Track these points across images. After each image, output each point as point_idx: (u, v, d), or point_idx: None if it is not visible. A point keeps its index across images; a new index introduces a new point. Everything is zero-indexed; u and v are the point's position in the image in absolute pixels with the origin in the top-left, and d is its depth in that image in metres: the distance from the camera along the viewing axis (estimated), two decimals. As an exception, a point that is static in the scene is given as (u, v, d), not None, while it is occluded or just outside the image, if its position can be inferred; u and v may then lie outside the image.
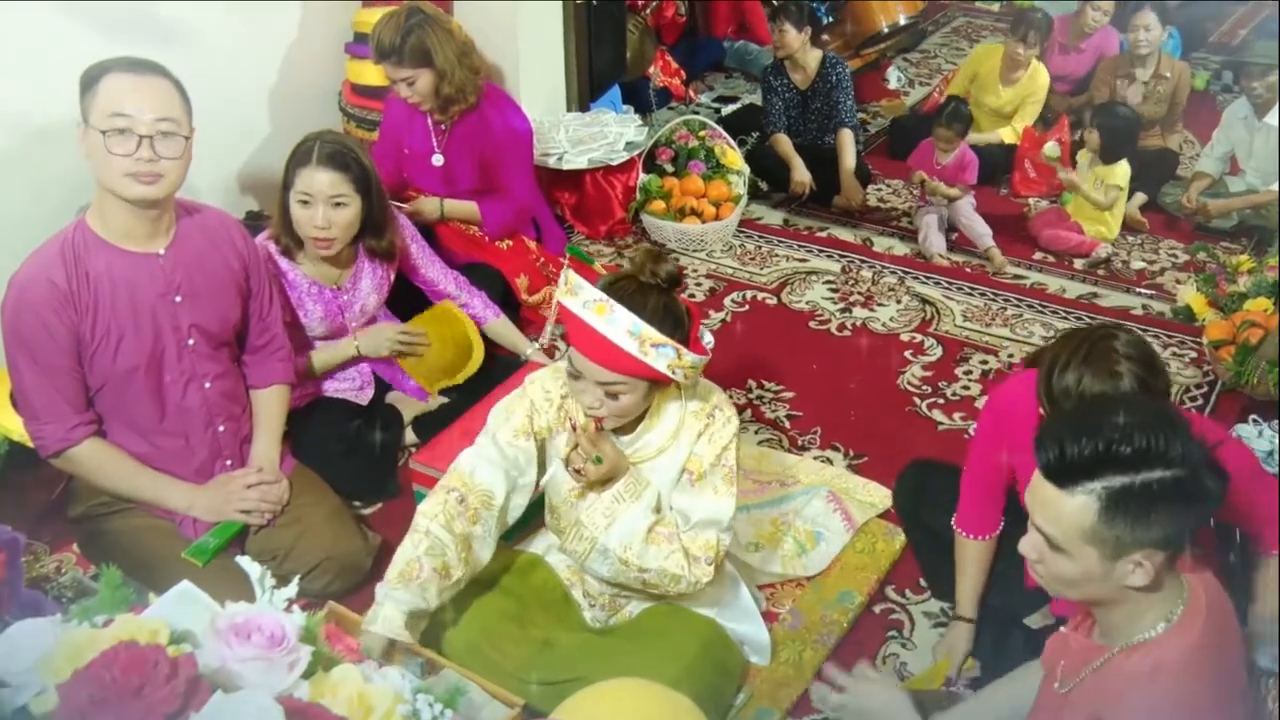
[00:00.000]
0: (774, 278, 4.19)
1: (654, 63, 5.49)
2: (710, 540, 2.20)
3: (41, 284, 2.27)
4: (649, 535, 2.17)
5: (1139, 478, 1.46)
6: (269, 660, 1.39)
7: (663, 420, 2.22)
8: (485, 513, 2.20)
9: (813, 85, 4.74)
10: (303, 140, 2.82)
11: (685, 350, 2.03)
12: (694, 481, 2.22)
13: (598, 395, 2.08)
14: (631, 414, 2.16)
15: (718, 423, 2.21)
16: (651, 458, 2.23)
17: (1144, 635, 1.57)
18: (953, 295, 4.08)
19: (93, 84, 2.22)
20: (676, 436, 2.22)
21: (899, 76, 6.08)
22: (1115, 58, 5.15)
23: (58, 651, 1.35)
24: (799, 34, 4.64)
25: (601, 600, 2.39)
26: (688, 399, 2.23)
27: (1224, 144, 4.57)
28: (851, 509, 2.89)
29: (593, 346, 2.01)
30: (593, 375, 2.05)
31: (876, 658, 2.54)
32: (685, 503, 2.23)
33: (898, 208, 4.79)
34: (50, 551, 2.77)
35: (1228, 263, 3.97)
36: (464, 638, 2.24)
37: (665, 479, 2.24)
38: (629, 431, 2.22)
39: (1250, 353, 3.37)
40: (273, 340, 2.64)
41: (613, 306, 2.00)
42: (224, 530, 2.49)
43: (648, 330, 1.99)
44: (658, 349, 2.00)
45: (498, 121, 3.65)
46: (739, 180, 4.50)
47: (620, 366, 2.02)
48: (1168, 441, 1.46)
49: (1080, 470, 1.49)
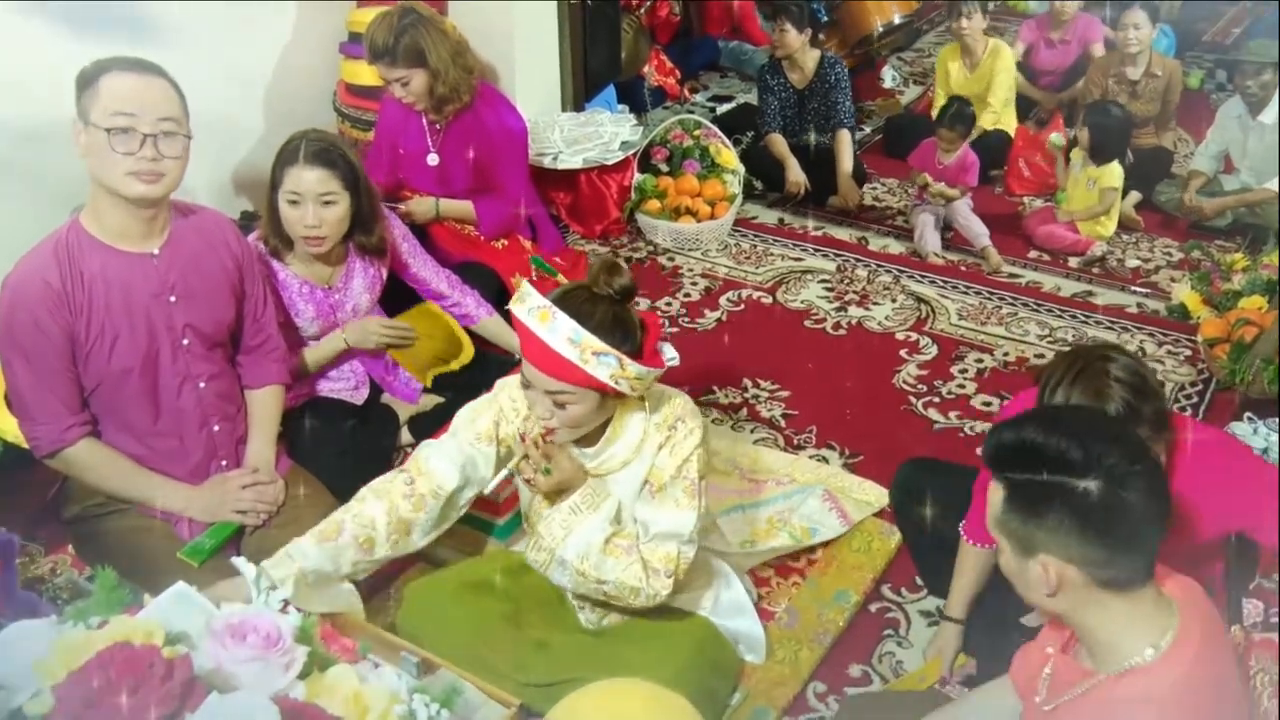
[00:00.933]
0: (769, 277, 4.20)
1: (649, 62, 5.49)
2: (670, 553, 2.17)
3: (35, 284, 2.26)
4: (606, 547, 2.15)
5: (1042, 477, 1.49)
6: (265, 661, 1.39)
7: (626, 433, 2.20)
8: (431, 501, 2.17)
9: (810, 85, 4.74)
10: (289, 139, 2.81)
11: (629, 361, 2.01)
12: (654, 493, 2.19)
13: (547, 405, 2.06)
14: (584, 425, 2.12)
15: (679, 434, 2.18)
16: (616, 470, 2.21)
17: (1132, 661, 1.54)
18: (948, 294, 4.08)
19: (91, 82, 2.21)
20: (640, 450, 2.20)
21: (894, 75, 6.10)
22: (1106, 56, 5.16)
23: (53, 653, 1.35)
24: (799, 35, 4.63)
25: (593, 600, 2.40)
26: (651, 411, 2.20)
27: (1218, 142, 4.58)
28: (847, 507, 2.89)
29: (537, 354, 2.00)
30: (539, 384, 2.03)
31: (872, 657, 2.55)
32: (646, 514, 2.20)
33: (893, 206, 4.80)
34: (45, 553, 2.77)
35: (1222, 261, 3.99)
36: (459, 638, 2.24)
37: (629, 491, 2.22)
38: (591, 444, 2.20)
39: (1245, 350, 3.37)
40: (267, 341, 2.63)
41: (555, 314, 1.98)
42: (219, 531, 2.48)
43: (589, 339, 1.98)
44: (599, 358, 1.98)
45: (492, 121, 3.65)
46: (734, 179, 4.50)
47: (562, 374, 2.00)
48: (1088, 452, 1.46)
49: (1002, 458, 1.54)
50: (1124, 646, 1.55)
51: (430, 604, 2.33)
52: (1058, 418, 1.57)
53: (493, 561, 2.49)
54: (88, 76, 2.22)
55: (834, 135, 4.71)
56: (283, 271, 2.89)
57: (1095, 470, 1.46)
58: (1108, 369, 1.91)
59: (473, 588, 2.34)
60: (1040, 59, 5.63)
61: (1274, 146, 4.34)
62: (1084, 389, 1.89)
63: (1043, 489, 1.49)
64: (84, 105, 2.21)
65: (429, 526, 2.20)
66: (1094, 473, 1.46)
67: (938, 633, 2.49)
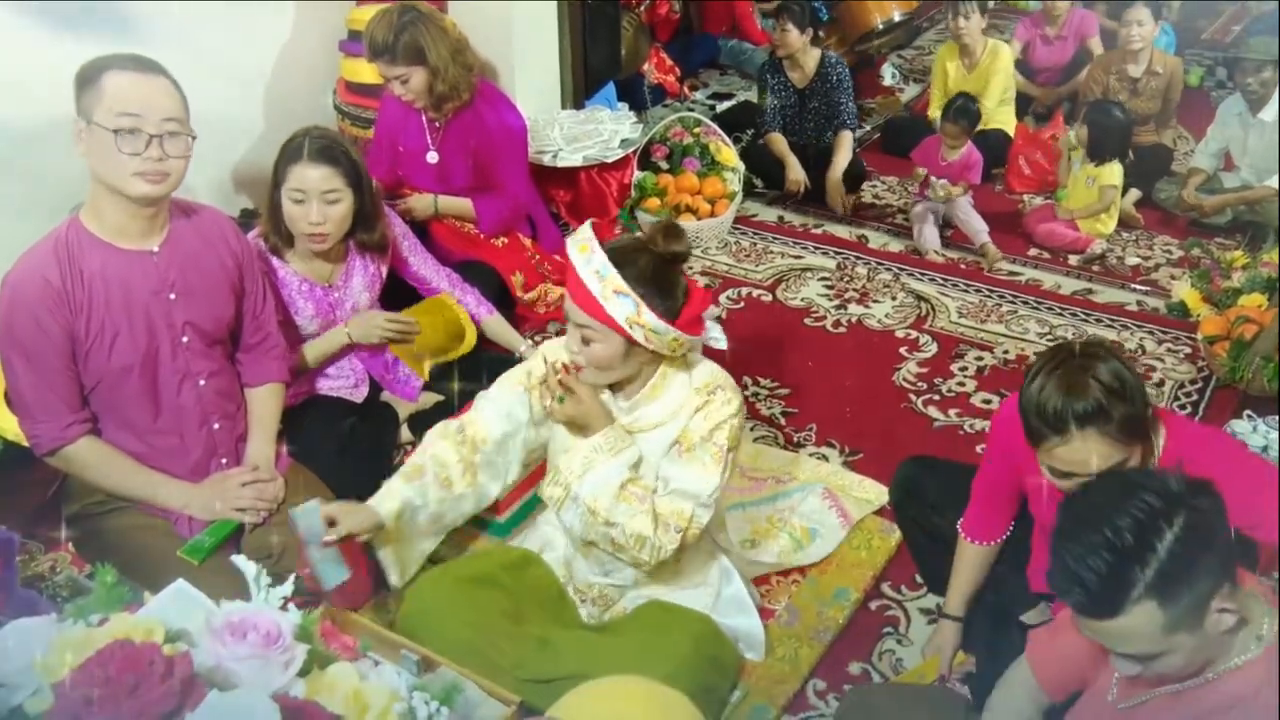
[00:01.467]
0: (769, 275, 4.20)
1: (649, 60, 5.49)
2: (684, 510, 2.19)
3: (35, 283, 2.26)
4: (621, 491, 2.19)
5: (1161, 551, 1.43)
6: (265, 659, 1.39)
7: (665, 395, 2.24)
8: (484, 445, 2.34)
9: (811, 85, 4.73)
10: (291, 137, 2.81)
11: (646, 310, 2.06)
12: (682, 453, 2.23)
13: (577, 339, 2.15)
14: (610, 370, 2.18)
15: (716, 401, 2.22)
16: (648, 430, 2.25)
17: (1235, 660, 1.52)
18: (948, 292, 4.08)
19: (93, 81, 2.20)
20: (676, 415, 2.24)
21: (894, 73, 6.09)
22: (1108, 53, 5.16)
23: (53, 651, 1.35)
24: (801, 35, 4.63)
25: (593, 594, 2.40)
26: (695, 379, 2.25)
27: (1218, 140, 4.58)
28: (847, 505, 2.89)
29: (572, 284, 2.11)
30: (570, 315, 2.13)
31: (872, 654, 2.55)
32: (669, 471, 2.24)
33: (893, 204, 4.80)
34: (45, 550, 2.77)
35: (1222, 258, 3.99)
36: (459, 634, 2.24)
37: (658, 453, 2.25)
38: (628, 397, 2.25)
39: (1244, 348, 3.37)
40: (267, 338, 2.63)
41: (594, 249, 2.09)
42: (220, 529, 2.48)
43: (614, 277, 2.05)
44: (619, 296, 2.06)
45: (492, 118, 3.65)
46: (734, 177, 4.50)
47: (585, 306, 2.08)
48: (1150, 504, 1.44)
49: (1114, 595, 1.45)
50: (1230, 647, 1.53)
51: (431, 599, 2.33)
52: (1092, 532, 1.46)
53: (493, 557, 2.50)
54: (88, 75, 2.21)
55: (835, 135, 4.71)
56: (283, 269, 2.89)
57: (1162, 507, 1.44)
58: (1089, 365, 1.89)
59: (473, 583, 2.34)
60: (1037, 56, 5.64)
61: (1274, 144, 4.34)
62: (1059, 382, 1.88)
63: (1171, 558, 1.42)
64: (85, 104, 2.20)
65: (493, 470, 2.38)
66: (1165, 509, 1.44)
67: (936, 630, 2.49)
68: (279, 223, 2.83)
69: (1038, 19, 5.69)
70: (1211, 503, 1.48)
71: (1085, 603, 1.47)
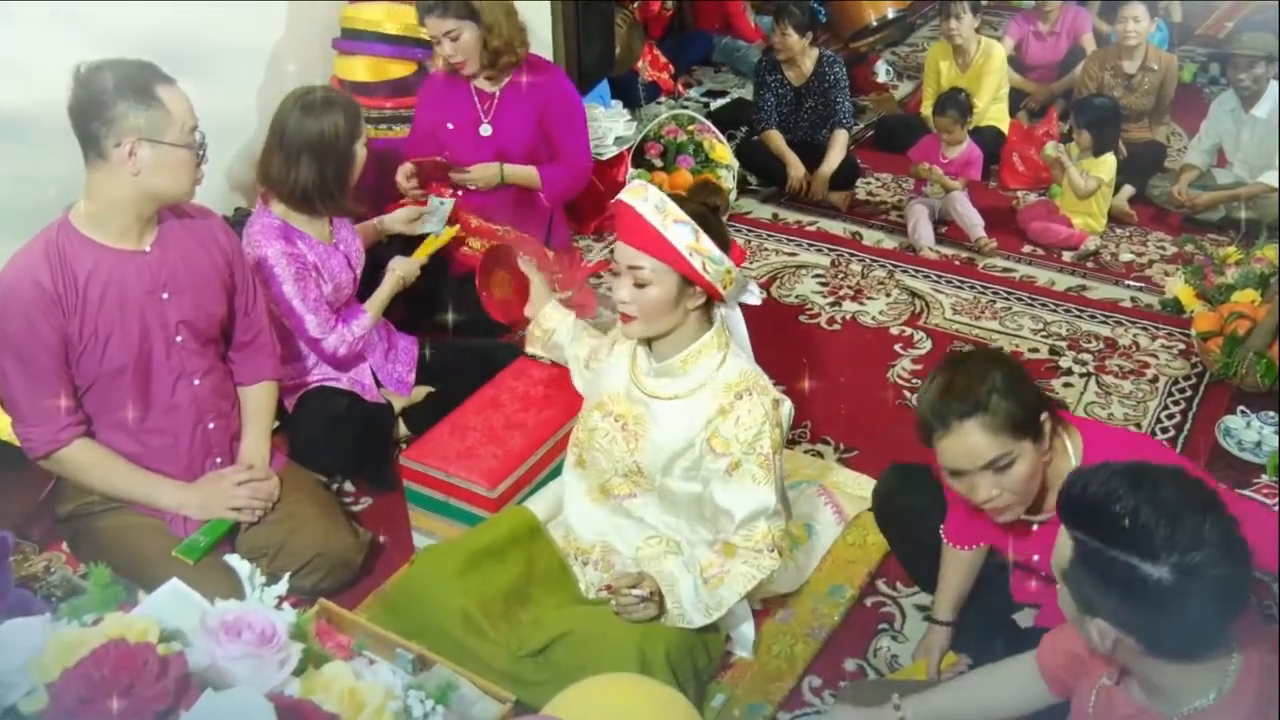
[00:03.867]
0: (763, 272, 4.20)
1: (642, 57, 5.48)
2: (763, 530, 2.24)
3: (27, 285, 2.24)
4: (705, 587, 2.23)
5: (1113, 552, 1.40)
6: (259, 658, 1.39)
7: (695, 369, 2.26)
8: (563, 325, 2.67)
9: (808, 83, 4.73)
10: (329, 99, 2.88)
11: (705, 236, 2.12)
12: (731, 471, 2.23)
13: (629, 286, 2.17)
14: (658, 315, 2.20)
15: (743, 406, 2.22)
16: (664, 399, 2.28)
17: (1195, 705, 1.49)
18: (942, 288, 4.09)
19: (151, 99, 2.19)
20: (695, 395, 2.25)
21: (887, 70, 6.09)
22: (1103, 50, 5.17)
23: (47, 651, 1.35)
24: (800, 39, 4.63)
25: (594, 555, 2.42)
26: (725, 367, 2.27)
27: (1211, 136, 4.59)
28: (842, 502, 2.89)
29: (625, 225, 2.16)
30: (624, 259, 2.17)
31: (868, 651, 2.55)
32: (727, 500, 2.24)
33: (887, 201, 4.80)
34: (39, 550, 2.77)
35: (1215, 254, 3.99)
36: (459, 603, 2.26)
37: (666, 427, 2.28)
38: (662, 357, 2.28)
39: (1238, 344, 3.38)
40: (258, 336, 2.63)
41: (649, 189, 2.16)
42: (214, 528, 2.48)
43: (673, 207, 2.13)
44: (678, 225, 2.11)
45: (551, 84, 3.60)
46: (728, 175, 4.50)
47: (644, 242, 2.13)
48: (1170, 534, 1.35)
49: (1077, 512, 1.47)
50: (1184, 694, 1.50)
51: (434, 572, 2.34)
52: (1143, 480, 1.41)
53: (497, 527, 2.48)
54: (140, 93, 2.19)
55: (830, 134, 4.71)
56: (302, 239, 2.90)
57: (1171, 556, 1.35)
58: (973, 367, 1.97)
59: (477, 558, 2.35)
60: (1031, 54, 5.64)
61: (1267, 140, 4.35)
62: (943, 382, 1.97)
63: (1111, 563, 1.39)
64: (147, 123, 2.19)
65: None
66: (1169, 558, 1.35)
67: (925, 634, 2.48)
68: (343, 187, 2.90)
69: (1030, 16, 5.70)
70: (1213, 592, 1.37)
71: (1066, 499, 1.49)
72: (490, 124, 3.61)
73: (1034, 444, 1.97)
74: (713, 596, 2.23)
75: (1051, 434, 2.01)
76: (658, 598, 2.22)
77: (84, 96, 2.18)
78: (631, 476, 2.37)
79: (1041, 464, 2.00)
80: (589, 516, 2.46)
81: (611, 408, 2.37)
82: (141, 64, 2.24)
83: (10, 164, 3.03)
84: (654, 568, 2.30)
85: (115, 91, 2.17)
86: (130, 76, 2.20)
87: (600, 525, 2.44)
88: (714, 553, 2.25)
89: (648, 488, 2.36)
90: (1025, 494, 2.01)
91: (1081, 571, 1.45)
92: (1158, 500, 1.39)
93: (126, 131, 2.18)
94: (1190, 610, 1.39)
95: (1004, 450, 1.93)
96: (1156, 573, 1.36)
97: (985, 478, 1.97)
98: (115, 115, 2.17)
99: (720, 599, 2.23)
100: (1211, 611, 1.40)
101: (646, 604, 2.21)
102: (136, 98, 2.18)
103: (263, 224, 2.87)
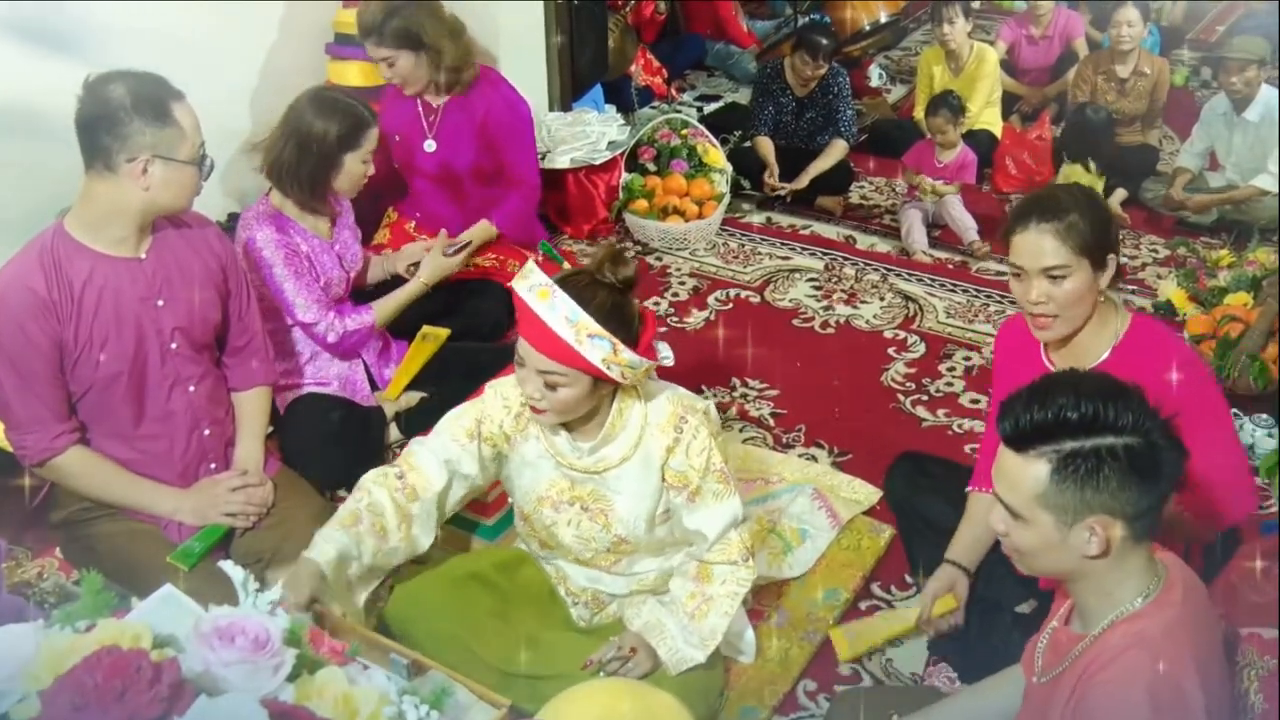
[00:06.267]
0: (757, 276, 4.20)
1: (635, 61, 5.49)
2: (736, 542, 2.24)
3: (21, 292, 2.23)
4: (691, 621, 2.22)
5: (1088, 442, 1.53)
6: (253, 664, 1.39)
7: (625, 429, 2.20)
8: (424, 494, 2.23)
9: (811, 94, 4.75)
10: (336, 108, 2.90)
11: (623, 348, 2.02)
12: (692, 497, 2.21)
13: (538, 385, 2.06)
14: (572, 410, 2.12)
15: (686, 434, 2.19)
16: (614, 466, 2.21)
17: (1122, 610, 1.60)
18: (935, 292, 4.09)
19: (167, 118, 2.20)
20: (638, 446, 2.20)
21: (880, 74, 6.11)
22: (1096, 54, 5.19)
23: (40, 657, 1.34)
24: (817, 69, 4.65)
25: (585, 598, 2.39)
26: (649, 408, 2.21)
27: (1203, 140, 4.60)
28: (837, 506, 2.89)
29: (533, 332, 2.02)
30: (533, 363, 2.04)
31: (863, 655, 2.55)
32: (697, 523, 2.23)
33: (880, 205, 4.81)
34: (32, 557, 2.75)
35: (1208, 257, 4.00)
36: (446, 628, 2.24)
37: (630, 490, 2.22)
38: (589, 438, 2.20)
39: (1230, 347, 3.39)
40: (252, 341, 2.62)
41: (555, 293, 2.01)
42: (209, 534, 2.47)
43: (585, 320, 1.99)
44: (593, 340, 2.00)
45: (497, 99, 3.59)
46: (721, 179, 4.51)
47: (556, 353, 2.01)
48: (1118, 410, 1.53)
49: (1034, 435, 1.56)
50: (1116, 598, 1.61)
51: (420, 596, 2.32)
52: (1075, 384, 1.60)
53: (484, 557, 2.49)
54: (157, 111, 2.19)
55: (829, 141, 4.72)
56: (298, 232, 2.92)
57: (1125, 423, 1.53)
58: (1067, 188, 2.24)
59: (463, 581, 2.34)
60: (1023, 57, 5.66)
61: (1259, 143, 4.36)
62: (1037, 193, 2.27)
63: (1092, 454, 1.53)
64: (162, 141, 2.20)
65: (427, 522, 2.25)
66: (1126, 426, 1.53)
67: (936, 575, 2.47)
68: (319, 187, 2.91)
69: (1023, 20, 5.72)
70: (1170, 460, 1.55)
71: (1008, 429, 1.59)
72: (434, 139, 3.61)
73: (1092, 269, 2.14)
74: (703, 628, 2.22)
75: (1112, 283, 2.20)
76: (645, 651, 2.21)
77: (95, 109, 2.17)
78: (615, 548, 2.30)
79: (1093, 295, 2.18)
80: (574, 570, 2.40)
81: (559, 498, 2.26)
82: (154, 78, 2.24)
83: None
84: (639, 620, 2.27)
85: (132, 108, 2.17)
86: (145, 92, 2.19)
87: (589, 575, 2.39)
88: (692, 582, 2.24)
89: (633, 550, 2.31)
90: (1069, 314, 2.18)
91: (1067, 481, 1.54)
92: (1100, 389, 1.57)
93: (141, 148, 2.18)
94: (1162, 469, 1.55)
95: (1064, 261, 2.12)
96: (1129, 440, 1.53)
97: (1041, 282, 2.15)
98: (130, 132, 2.17)
99: (712, 628, 2.22)
100: (1171, 471, 1.56)
101: (636, 661, 2.20)
102: (153, 115, 2.18)
103: (257, 210, 2.93)
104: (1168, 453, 1.55)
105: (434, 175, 3.66)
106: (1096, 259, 2.14)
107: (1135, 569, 1.61)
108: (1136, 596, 1.60)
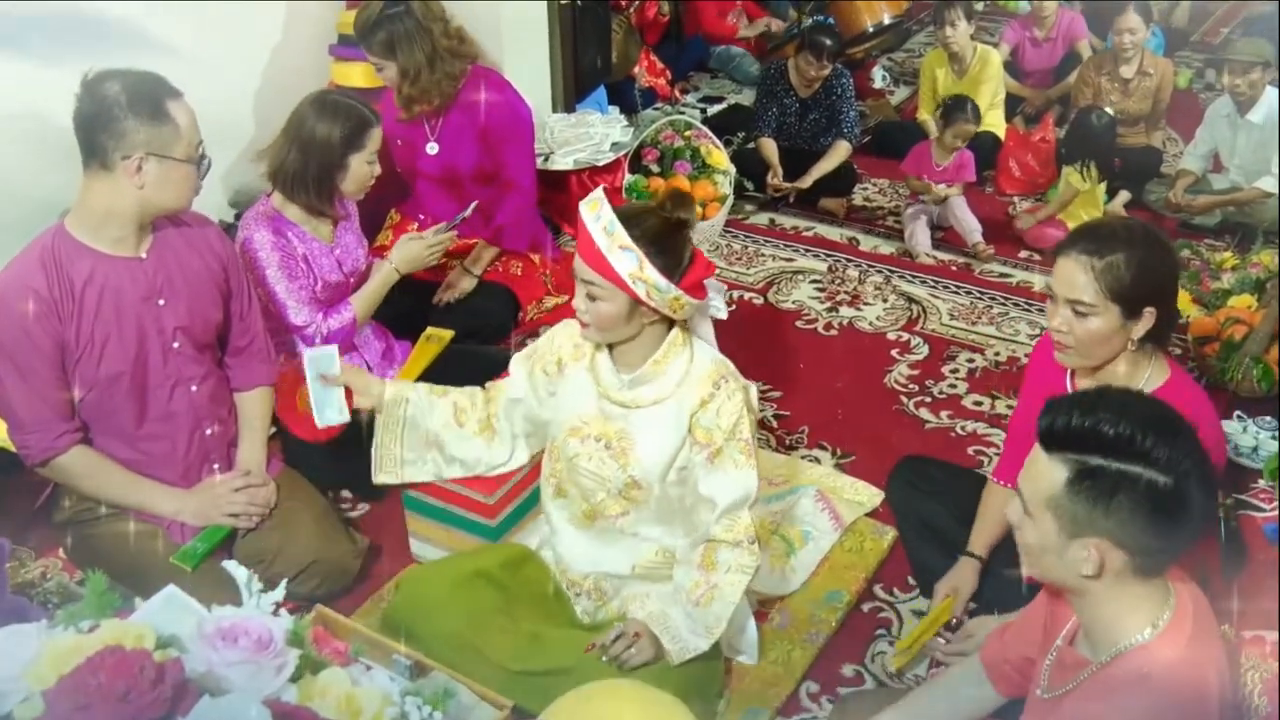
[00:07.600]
0: (760, 277, 4.20)
1: (639, 63, 5.49)
2: (744, 522, 2.25)
3: (23, 293, 2.23)
4: (697, 608, 2.22)
5: (1114, 464, 1.47)
6: (256, 664, 1.39)
7: (666, 374, 2.25)
8: (500, 401, 2.48)
9: (815, 95, 4.75)
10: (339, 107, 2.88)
11: (649, 265, 2.08)
12: (712, 458, 2.22)
13: (583, 295, 2.17)
14: (611, 328, 2.19)
15: (722, 394, 2.22)
16: (645, 405, 2.26)
17: (1132, 641, 1.56)
18: (939, 294, 4.09)
19: (163, 116, 2.20)
20: (675, 393, 2.24)
21: (884, 76, 6.11)
22: (1099, 55, 5.18)
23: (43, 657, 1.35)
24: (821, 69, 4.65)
25: (587, 586, 2.40)
26: (695, 363, 2.26)
27: (1207, 142, 4.60)
28: (840, 508, 2.89)
29: (581, 241, 2.14)
30: (578, 271, 2.16)
31: (865, 656, 2.55)
32: (710, 486, 2.24)
33: (884, 207, 4.81)
34: (35, 557, 2.76)
35: (1212, 260, 4.00)
36: (450, 626, 2.25)
37: (655, 433, 2.26)
38: (631, 369, 2.26)
39: (1234, 349, 3.38)
40: (254, 341, 2.63)
41: (604, 207, 2.12)
42: (212, 535, 2.48)
43: (620, 232, 2.08)
44: (624, 251, 2.08)
45: (498, 100, 3.58)
46: (725, 180, 4.51)
47: (591, 260, 2.11)
48: (1156, 442, 1.46)
49: (1066, 439, 1.52)
50: (1127, 629, 1.57)
51: (423, 594, 2.34)
52: (1128, 404, 1.53)
53: (487, 555, 2.49)
54: (153, 109, 2.19)
55: (832, 143, 4.72)
56: (296, 234, 2.91)
57: (1161, 459, 1.46)
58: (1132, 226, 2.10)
59: (467, 579, 2.35)
60: (1027, 59, 5.66)
61: (1262, 145, 4.36)
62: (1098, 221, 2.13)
63: (1117, 476, 1.47)
64: (157, 138, 2.20)
65: (497, 437, 2.50)
66: (1161, 462, 1.46)
67: (955, 569, 2.46)
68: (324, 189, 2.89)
69: (1026, 22, 5.71)
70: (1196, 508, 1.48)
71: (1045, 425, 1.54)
72: (436, 142, 3.62)
73: (1122, 317, 2.06)
74: (708, 615, 2.22)
75: (1150, 336, 2.10)
76: (648, 637, 2.22)
77: (92, 107, 2.18)
78: (626, 493, 2.32)
79: (1120, 341, 2.09)
80: (577, 545, 2.42)
81: (588, 431, 2.31)
82: (151, 76, 2.24)
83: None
84: (642, 611, 2.28)
85: (128, 106, 2.17)
86: (142, 90, 2.19)
87: (591, 553, 2.40)
88: (697, 570, 2.24)
89: (643, 501, 2.33)
90: (1087, 352, 2.12)
91: (1080, 492, 1.50)
92: (1149, 417, 1.49)
93: (136, 146, 2.19)
94: (1186, 517, 1.48)
95: (1090, 300, 2.05)
96: (1161, 478, 1.45)
97: (1065, 310, 2.09)
98: (125, 129, 2.17)
99: (716, 615, 2.22)
100: (1198, 521, 1.50)
101: (639, 646, 2.21)
102: (149, 113, 2.18)
103: (257, 211, 2.92)
104: (1197, 503, 1.47)
105: (436, 177, 3.68)
106: (1130, 308, 2.05)
107: (1140, 601, 1.56)
108: (1145, 627, 1.55)
